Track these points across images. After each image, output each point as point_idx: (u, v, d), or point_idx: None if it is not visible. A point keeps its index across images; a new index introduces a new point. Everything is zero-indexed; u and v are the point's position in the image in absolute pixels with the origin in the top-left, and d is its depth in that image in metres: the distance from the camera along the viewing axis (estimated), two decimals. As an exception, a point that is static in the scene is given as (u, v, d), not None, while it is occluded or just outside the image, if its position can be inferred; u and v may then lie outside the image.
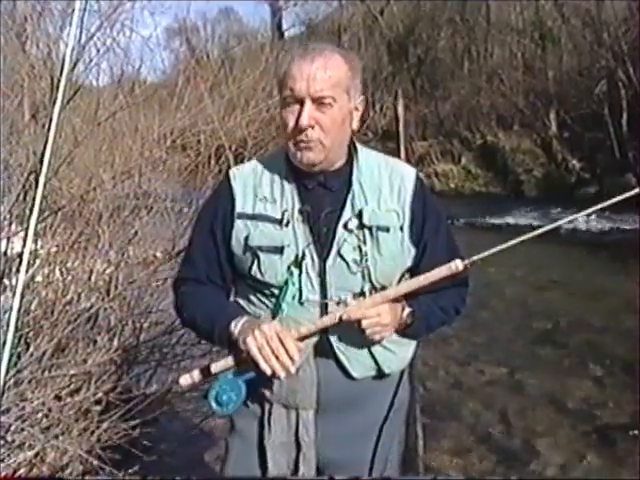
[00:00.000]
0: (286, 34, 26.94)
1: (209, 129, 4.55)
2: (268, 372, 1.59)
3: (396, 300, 1.70)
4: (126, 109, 4.22)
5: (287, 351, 1.58)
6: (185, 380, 1.72)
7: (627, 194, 1.65)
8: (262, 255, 1.70)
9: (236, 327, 1.67)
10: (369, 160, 1.81)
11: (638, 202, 1.74)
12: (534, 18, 19.09)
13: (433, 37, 21.28)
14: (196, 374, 1.71)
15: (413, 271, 1.78)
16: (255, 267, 1.72)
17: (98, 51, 3.83)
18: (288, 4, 27.23)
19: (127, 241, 3.71)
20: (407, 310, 1.73)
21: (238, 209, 1.75)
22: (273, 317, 1.72)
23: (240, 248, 1.74)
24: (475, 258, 1.63)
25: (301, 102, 1.65)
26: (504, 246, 1.65)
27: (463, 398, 4.79)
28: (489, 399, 4.75)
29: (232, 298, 1.88)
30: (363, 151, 1.83)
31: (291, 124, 1.67)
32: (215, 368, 1.68)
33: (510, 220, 13.19)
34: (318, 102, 1.64)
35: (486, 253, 1.63)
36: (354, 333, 1.69)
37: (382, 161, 1.83)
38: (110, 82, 4.82)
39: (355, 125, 1.78)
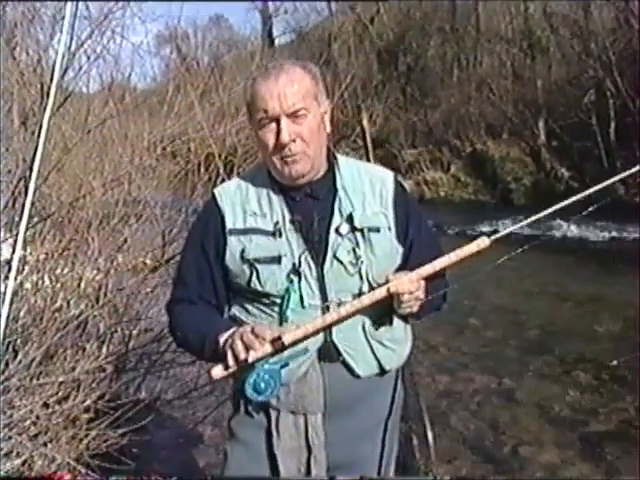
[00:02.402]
0: (277, 42, 26.99)
1: (199, 137, 4.55)
2: (231, 363, 1.62)
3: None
4: (116, 116, 4.21)
5: (257, 336, 1.62)
6: (219, 371, 1.67)
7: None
8: (260, 267, 1.74)
9: (223, 338, 1.69)
10: (349, 166, 1.88)
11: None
12: (523, 27, 19.21)
13: (423, 46, 21.36)
14: (231, 363, 1.66)
15: (401, 269, 1.81)
16: (254, 279, 1.75)
17: (88, 58, 3.82)
18: (279, 12, 27.29)
19: (116, 248, 3.71)
20: None
21: (229, 226, 1.79)
22: (279, 325, 1.76)
23: (236, 263, 1.77)
24: (498, 235, 1.70)
25: (276, 120, 1.70)
26: (523, 223, 1.78)
27: (452, 406, 4.79)
28: (478, 407, 4.76)
29: (227, 314, 1.90)
30: (342, 158, 1.89)
31: (271, 142, 1.72)
32: (252, 356, 1.64)
33: (499, 228, 13.24)
34: (293, 116, 1.70)
35: (508, 230, 1.73)
36: (357, 332, 1.78)
37: (361, 166, 1.91)
38: (100, 89, 4.80)
39: (328, 128, 1.83)
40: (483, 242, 1.67)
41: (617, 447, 4.05)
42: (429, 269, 1.70)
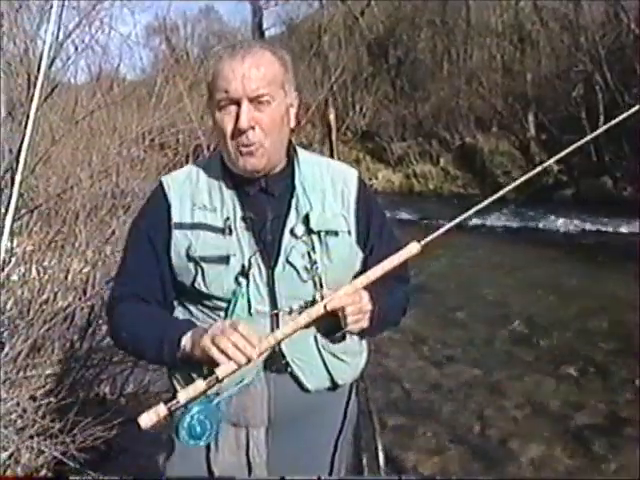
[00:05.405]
0: (267, 34, 26.89)
1: (187, 128, 4.54)
2: (223, 360, 1.43)
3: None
4: (104, 107, 4.19)
5: (244, 337, 1.43)
6: (149, 419, 1.43)
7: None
8: (206, 266, 1.59)
9: (187, 339, 1.53)
10: (310, 162, 1.74)
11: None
12: (513, 21, 19.25)
13: (413, 38, 21.35)
14: (162, 409, 1.44)
15: (361, 274, 1.62)
16: (199, 279, 1.60)
17: (76, 48, 3.79)
18: (269, 4, 27.19)
19: (104, 240, 3.69)
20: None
21: (175, 219, 1.64)
22: None
23: (181, 260, 1.62)
24: (428, 239, 1.57)
25: (237, 103, 1.56)
26: (452, 224, 1.61)
27: (440, 399, 4.81)
28: (466, 400, 4.78)
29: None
30: (303, 153, 1.75)
31: (229, 127, 1.58)
32: (184, 396, 1.46)
33: (488, 222, 13.27)
34: (255, 101, 1.56)
35: (437, 233, 1.58)
36: (308, 342, 1.64)
37: (323, 163, 1.77)
38: (88, 80, 4.78)
39: (292, 123, 1.69)
40: (414, 248, 1.58)
41: (604, 440, 4.08)
42: (364, 280, 1.55)
